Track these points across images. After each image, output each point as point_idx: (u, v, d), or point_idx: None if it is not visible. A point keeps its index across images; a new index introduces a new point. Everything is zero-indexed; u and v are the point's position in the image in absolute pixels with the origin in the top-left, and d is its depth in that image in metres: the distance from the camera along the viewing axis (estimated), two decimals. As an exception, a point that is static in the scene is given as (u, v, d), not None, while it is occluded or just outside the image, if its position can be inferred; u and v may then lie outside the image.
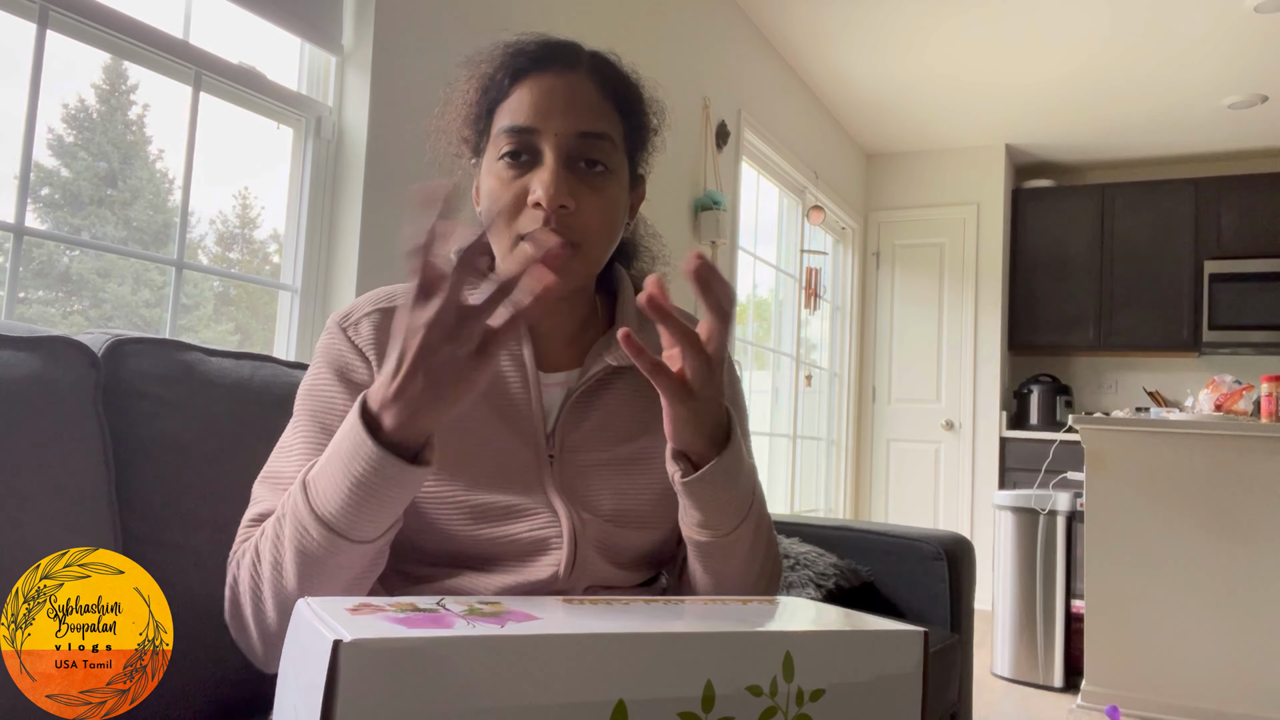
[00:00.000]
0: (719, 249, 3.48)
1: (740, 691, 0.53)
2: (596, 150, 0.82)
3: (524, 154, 0.81)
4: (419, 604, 0.55)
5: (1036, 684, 3.24)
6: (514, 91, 0.83)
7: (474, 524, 0.81)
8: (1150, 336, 4.93)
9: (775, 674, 0.55)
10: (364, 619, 0.50)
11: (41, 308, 1.66)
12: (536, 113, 0.81)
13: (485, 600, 0.59)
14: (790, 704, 0.55)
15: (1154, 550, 2.80)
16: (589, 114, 0.82)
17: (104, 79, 1.74)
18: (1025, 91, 4.37)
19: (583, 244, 0.81)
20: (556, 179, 0.79)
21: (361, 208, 1.97)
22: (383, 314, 0.86)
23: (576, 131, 0.81)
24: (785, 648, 0.55)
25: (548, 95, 0.82)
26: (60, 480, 0.93)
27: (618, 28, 2.86)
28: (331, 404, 0.83)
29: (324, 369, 0.85)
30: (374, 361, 0.83)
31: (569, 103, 0.82)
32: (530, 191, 0.80)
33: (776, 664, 0.55)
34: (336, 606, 0.53)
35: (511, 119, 0.82)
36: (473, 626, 0.50)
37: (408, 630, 0.47)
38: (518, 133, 0.81)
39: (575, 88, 0.83)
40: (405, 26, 2.05)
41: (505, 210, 0.80)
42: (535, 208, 0.79)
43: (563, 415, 0.85)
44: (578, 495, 0.84)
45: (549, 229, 0.79)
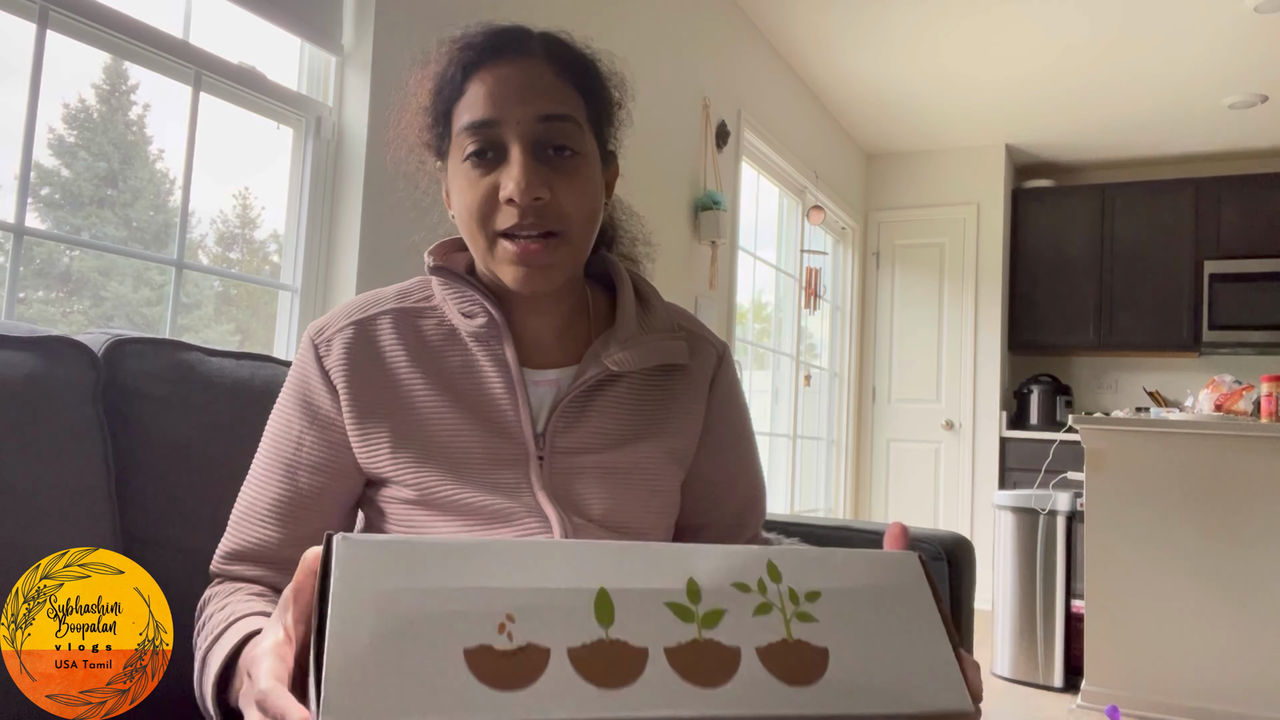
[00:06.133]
0: (719, 249, 3.48)
1: (727, 587, 0.53)
2: (561, 134, 0.79)
3: (489, 150, 0.78)
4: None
5: (1036, 684, 3.23)
6: (468, 87, 0.80)
7: (461, 527, 0.80)
8: (1150, 336, 4.92)
9: (760, 575, 0.54)
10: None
11: (41, 308, 1.66)
12: (494, 104, 0.78)
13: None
14: (785, 601, 0.54)
15: (1154, 550, 2.80)
16: (547, 97, 0.79)
17: (104, 79, 1.74)
18: (1025, 91, 4.37)
19: (565, 233, 0.79)
20: (526, 171, 0.76)
21: (361, 208, 1.97)
22: (357, 328, 0.84)
23: (537, 116, 0.78)
24: (767, 557, 0.55)
25: (503, 84, 0.79)
26: (60, 480, 0.93)
27: (617, 27, 2.86)
28: (289, 433, 0.84)
29: (289, 393, 0.85)
30: (340, 386, 0.82)
31: (525, 88, 0.78)
32: (501, 188, 0.77)
33: (759, 568, 0.55)
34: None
35: (470, 115, 0.79)
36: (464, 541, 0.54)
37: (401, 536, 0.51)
38: (479, 128, 0.78)
39: (529, 72, 0.79)
40: (405, 26, 2.05)
41: (479, 211, 0.78)
42: (509, 204, 0.77)
43: (554, 416, 0.83)
44: (568, 498, 0.82)
45: (526, 223, 0.77)
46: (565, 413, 0.83)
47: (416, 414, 0.82)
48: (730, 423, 0.93)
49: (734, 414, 0.94)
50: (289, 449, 0.83)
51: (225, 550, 0.84)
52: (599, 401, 0.85)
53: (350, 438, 0.82)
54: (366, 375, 0.83)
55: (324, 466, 0.83)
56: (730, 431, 0.93)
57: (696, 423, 0.90)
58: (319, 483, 0.83)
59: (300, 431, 0.83)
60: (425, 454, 0.81)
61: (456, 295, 0.85)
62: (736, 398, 0.95)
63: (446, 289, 0.85)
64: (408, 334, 0.84)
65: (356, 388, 0.82)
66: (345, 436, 0.83)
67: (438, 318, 0.86)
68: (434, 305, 0.87)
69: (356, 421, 0.82)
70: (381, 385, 0.83)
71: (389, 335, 0.84)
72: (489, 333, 0.84)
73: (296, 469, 0.83)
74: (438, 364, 0.84)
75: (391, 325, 0.85)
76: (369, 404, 0.82)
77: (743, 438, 0.95)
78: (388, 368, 0.83)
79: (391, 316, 0.85)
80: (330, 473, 0.83)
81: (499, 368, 0.84)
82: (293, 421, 0.84)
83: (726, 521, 0.94)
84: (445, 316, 0.86)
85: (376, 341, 0.84)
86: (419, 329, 0.85)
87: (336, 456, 0.83)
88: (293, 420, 0.84)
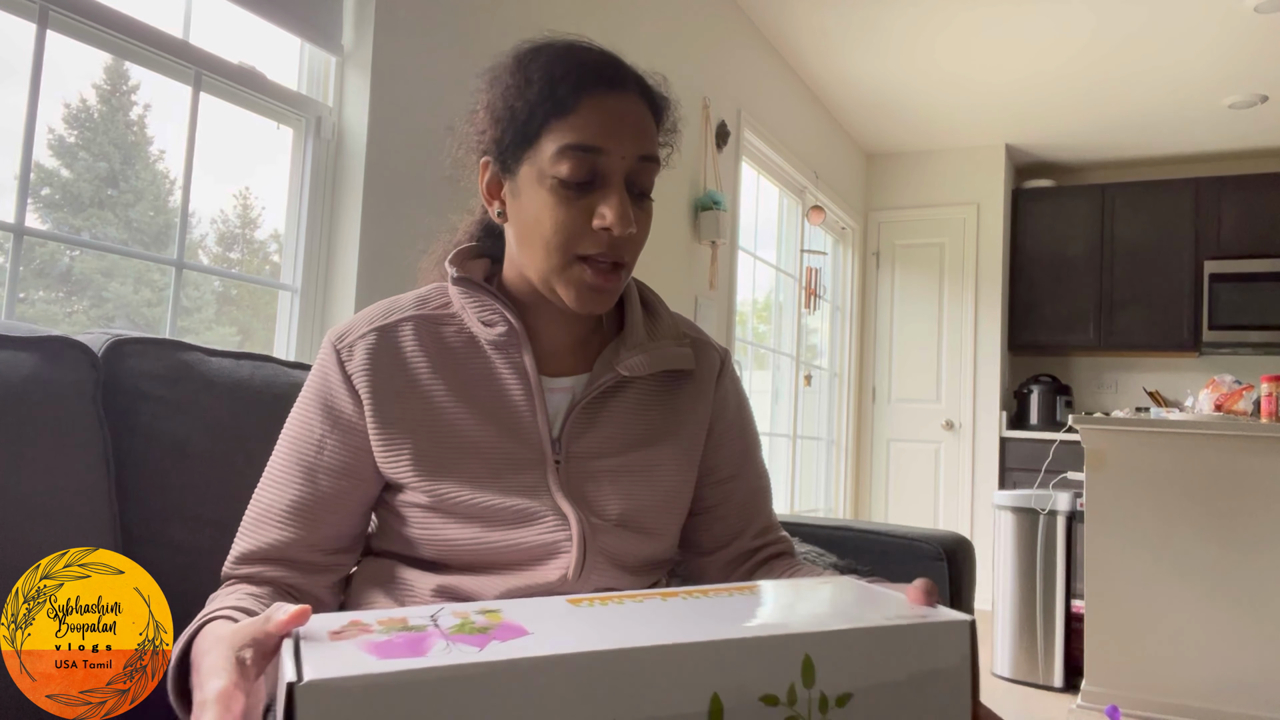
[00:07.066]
0: (719, 249, 3.48)
1: (754, 703, 0.48)
2: (649, 175, 0.83)
3: (590, 175, 0.80)
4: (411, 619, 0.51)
5: (1036, 684, 3.23)
6: (578, 108, 0.80)
7: (482, 530, 0.81)
8: (1150, 336, 4.92)
9: (793, 680, 0.49)
10: (340, 646, 0.47)
11: (42, 308, 1.66)
12: (606, 133, 0.79)
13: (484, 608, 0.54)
14: (813, 711, 0.49)
15: (1154, 550, 2.80)
16: (649, 138, 0.83)
17: (104, 79, 1.74)
18: (1026, 91, 4.37)
19: (628, 265, 0.84)
20: (626, 206, 0.80)
21: (361, 208, 1.97)
22: (379, 334, 0.86)
23: (639, 155, 0.81)
24: (803, 650, 0.49)
25: (616, 117, 0.80)
26: (60, 480, 0.93)
27: (618, 27, 2.86)
28: (310, 435, 0.85)
29: (310, 396, 0.86)
30: (362, 390, 0.84)
31: (634, 125, 0.81)
32: (597, 215, 0.80)
33: (794, 669, 0.49)
34: (323, 626, 0.50)
35: (578, 136, 0.79)
36: (450, 652, 0.45)
37: (376, 663, 0.43)
38: (585, 151, 0.79)
39: (636, 110, 0.82)
40: (405, 26, 2.05)
41: (566, 231, 0.80)
42: (603, 231, 0.80)
43: (570, 420, 0.86)
44: (585, 499, 0.84)
45: (609, 253, 0.81)
46: (580, 418, 0.86)
47: (438, 419, 0.83)
48: (731, 420, 0.97)
49: (735, 412, 0.97)
50: (310, 452, 0.84)
51: (240, 553, 0.83)
52: (611, 407, 0.88)
53: (372, 442, 0.84)
54: (389, 380, 0.84)
55: (345, 470, 0.84)
56: (732, 427, 0.97)
57: (704, 424, 0.94)
58: (340, 486, 0.84)
59: (322, 435, 0.84)
60: (446, 458, 0.82)
61: (476, 304, 0.87)
62: (739, 395, 0.99)
63: (467, 298, 0.87)
64: (428, 341, 0.86)
65: (379, 393, 0.83)
66: (367, 441, 0.84)
67: (457, 325, 0.88)
68: (453, 313, 0.89)
69: (379, 426, 0.83)
70: (404, 390, 0.84)
71: (410, 341, 0.86)
72: (508, 341, 0.86)
73: (317, 472, 0.83)
74: (458, 370, 0.86)
75: (413, 332, 0.87)
76: (391, 409, 0.83)
77: (745, 432, 0.98)
78: (410, 373, 0.85)
79: (413, 323, 0.87)
80: (351, 476, 0.84)
81: (518, 375, 0.86)
82: (314, 425, 0.85)
83: (732, 512, 0.96)
84: (464, 324, 0.88)
85: (399, 347, 0.86)
86: (440, 336, 0.87)
87: (357, 460, 0.84)
88: (314, 423, 0.85)
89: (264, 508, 0.84)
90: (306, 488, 0.83)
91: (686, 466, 0.91)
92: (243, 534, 0.84)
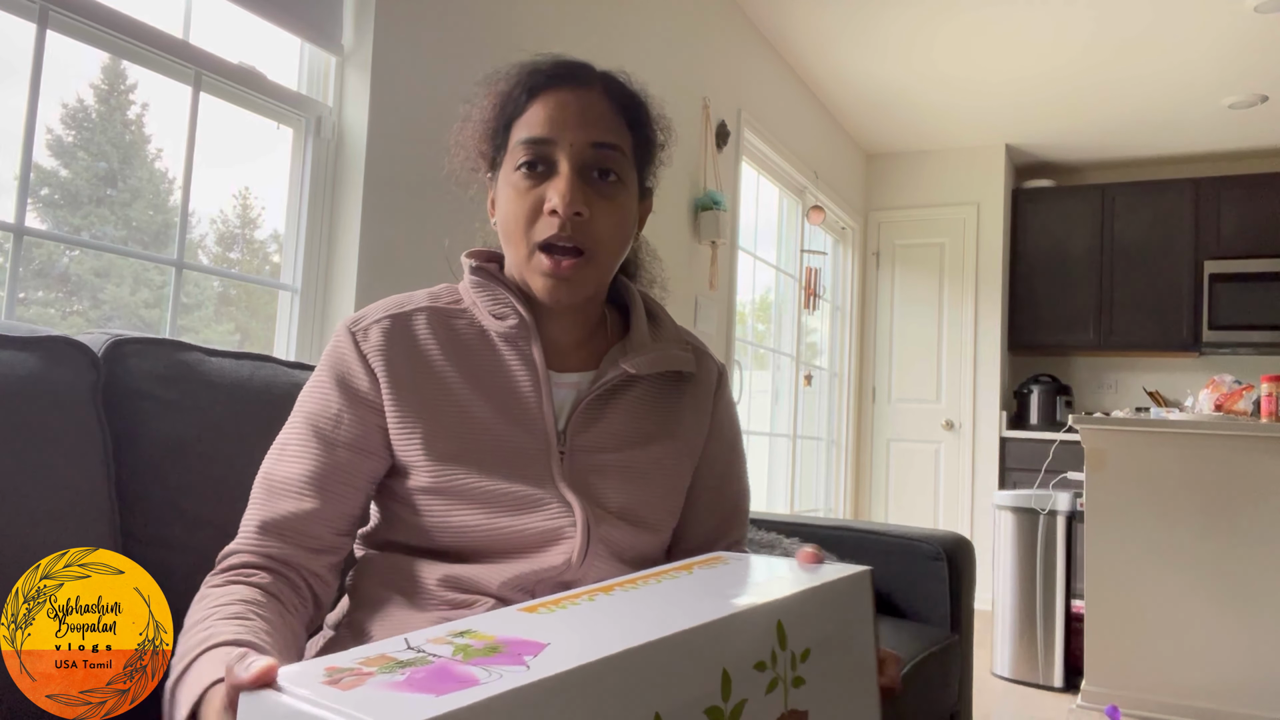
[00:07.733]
0: (719, 249, 3.48)
1: (749, 671, 0.52)
2: (608, 160, 0.86)
3: (540, 164, 0.85)
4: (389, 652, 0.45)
5: (1036, 684, 3.23)
6: (530, 106, 0.87)
7: (488, 515, 0.84)
8: (1150, 336, 4.92)
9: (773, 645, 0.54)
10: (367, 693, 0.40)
11: (41, 308, 1.66)
12: (552, 125, 0.85)
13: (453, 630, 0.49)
14: (786, 670, 0.54)
15: (1154, 550, 2.80)
16: (601, 126, 0.86)
17: (103, 79, 1.74)
18: (1025, 91, 4.37)
19: (594, 251, 0.86)
20: (572, 187, 0.83)
21: (361, 208, 1.97)
22: (394, 320, 0.89)
23: (590, 142, 0.85)
24: (777, 616, 0.55)
25: (563, 109, 0.86)
26: (60, 480, 0.93)
27: (618, 28, 2.85)
28: (327, 409, 0.86)
29: (325, 373, 0.88)
30: (378, 370, 0.86)
31: (583, 115, 0.86)
32: (546, 200, 0.84)
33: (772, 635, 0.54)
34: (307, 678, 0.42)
35: (528, 131, 0.85)
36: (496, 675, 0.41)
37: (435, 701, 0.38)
38: (534, 144, 0.85)
39: (589, 102, 0.87)
40: (405, 26, 2.05)
41: (523, 218, 0.84)
42: (551, 215, 0.83)
43: (575, 414, 0.89)
44: (588, 490, 0.87)
45: (564, 235, 0.83)
46: (585, 413, 0.89)
47: (449, 405, 0.86)
48: (722, 436, 1.01)
49: (727, 428, 1.01)
50: (328, 425, 0.85)
51: (257, 522, 0.82)
52: (616, 404, 0.91)
53: (388, 420, 0.86)
54: (403, 363, 0.87)
55: (361, 443, 0.86)
56: (722, 444, 1.01)
57: (703, 427, 0.98)
58: (355, 460, 0.85)
59: (339, 410, 0.86)
60: (456, 443, 0.85)
61: (489, 297, 0.91)
62: (731, 412, 1.03)
63: (480, 291, 0.92)
64: (441, 331, 0.90)
65: (394, 373, 0.86)
66: (382, 418, 0.86)
67: (468, 319, 0.92)
68: (464, 308, 0.93)
69: (395, 405, 0.86)
70: (417, 374, 0.87)
71: (424, 330, 0.89)
72: (518, 333, 0.90)
73: (335, 444, 0.85)
74: (469, 360, 0.89)
75: (426, 322, 0.90)
76: (405, 390, 0.86)
77: (734, 449, 1.03)
78: (423, 359, 0.88)
79: (426, 314, 0.91)
80: (366, 451, 0.86)
81: (526, 366, 0.89)
82: (330, 399, 0.86)
83: (712, 522, 1.00)
84: (475, 318, 0.92)
85: (413, 334, 0.89)
86: (452, 327, 0.91)
87: (371, 436, 0.86)
88: (330, 398, 0.86)
89: (282, 478, 0.84)
90: (325, 459, 0.84)
91: (684, 467, 0.95)
92: (257, 505, 0.83)
